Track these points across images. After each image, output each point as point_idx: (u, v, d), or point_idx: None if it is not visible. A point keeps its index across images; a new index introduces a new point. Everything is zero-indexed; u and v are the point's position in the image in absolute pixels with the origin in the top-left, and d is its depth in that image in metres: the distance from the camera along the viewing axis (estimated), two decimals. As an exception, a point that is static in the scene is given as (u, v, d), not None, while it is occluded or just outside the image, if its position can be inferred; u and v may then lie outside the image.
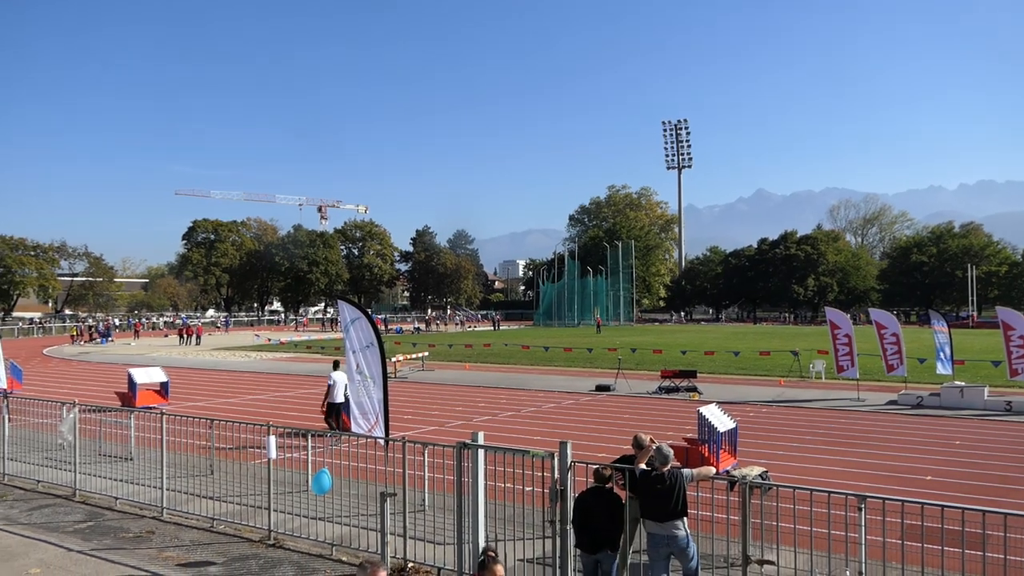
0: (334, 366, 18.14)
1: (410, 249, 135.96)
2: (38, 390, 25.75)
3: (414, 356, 35.76)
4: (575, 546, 7.46)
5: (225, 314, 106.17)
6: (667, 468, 7.24)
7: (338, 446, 14.82)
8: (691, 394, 24.63)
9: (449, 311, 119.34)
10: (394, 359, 32.09)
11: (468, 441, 8.27)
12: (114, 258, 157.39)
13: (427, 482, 10.85)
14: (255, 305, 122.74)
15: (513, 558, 8.73)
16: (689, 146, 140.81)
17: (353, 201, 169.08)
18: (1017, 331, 21.25)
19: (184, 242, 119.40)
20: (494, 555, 6.13)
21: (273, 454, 10.32)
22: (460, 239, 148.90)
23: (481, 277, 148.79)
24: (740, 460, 13.86)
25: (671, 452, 7.44)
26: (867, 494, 6.80)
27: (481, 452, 8.17)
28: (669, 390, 25.43)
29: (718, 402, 16.17)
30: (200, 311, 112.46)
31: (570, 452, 7.60)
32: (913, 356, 28.71)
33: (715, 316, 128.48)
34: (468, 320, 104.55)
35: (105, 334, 63.58)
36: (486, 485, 8.26)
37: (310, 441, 12.60)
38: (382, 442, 11.01)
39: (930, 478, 13.65)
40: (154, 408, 18.78)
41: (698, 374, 27.26)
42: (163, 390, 22.95)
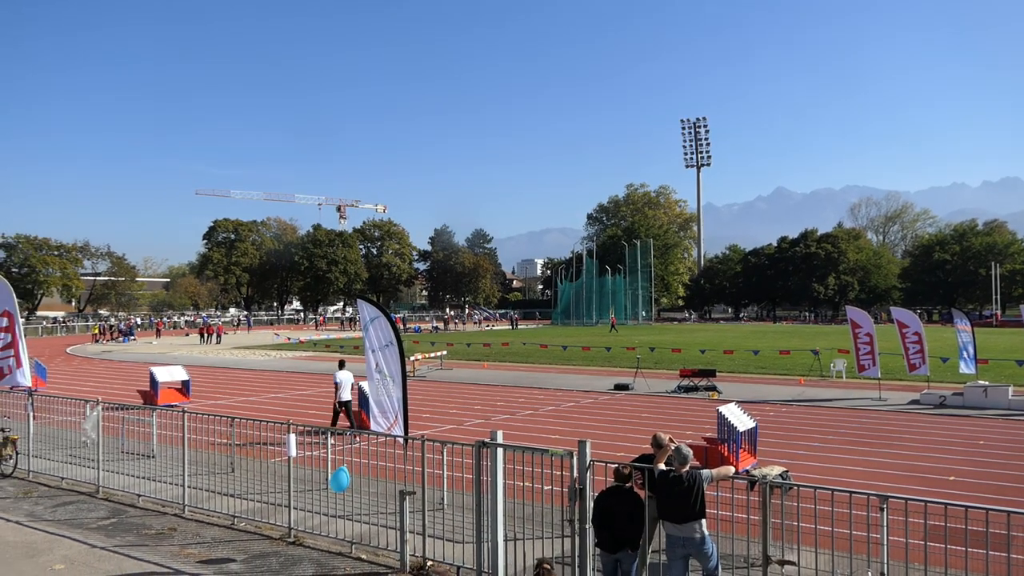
0: (339, 365, 18.37)
1: (428, 248, 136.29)
2: (62, 388, 26.05)
3: (432, 355, 35.83)
4: (595, 545, 7.45)
5: (246, 313, 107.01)
6: (686, 469, 7.20)
7: (355, 444, 14.88)
8: (710, 393, 24.51)
9: (467, 310, 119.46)
10: (413, 358, 32.17)
11: (487, 440, 8.27)
12: (136, 258, 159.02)
13: (446, 480, 10.87)
14: (274, 304, 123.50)
15: (532, 557, 8.73)
16: (708, 144, 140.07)
17: (372, 201, 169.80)
18: (1042, 330, 20.95)
19: (205, 242, 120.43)
20: (549, 567, 6.13)
21: (293, 452, 10.38)
22: (478, 238, 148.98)
23: (499, 276, 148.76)
24: (760, 460, 13.79)
25: (690, 452, 7.40)
26: (889, 494, 6.74)
27: (500, 451, 8.17)
28: (688, 389, 25.32)
29: (737, 401, 16.10)
30: (221, 310, 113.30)
31: (589, 451, 7.59)
32: (936, 355, 28.43)
33: (734, 315, 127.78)
34: (486, 319, 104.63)
35: (128, 333, 64.26)
36: (505, 484, 8.26)
37: (330, 439, 12.68)
38: (401, 440, 11.04)
39: (953, 478, 13.51)
40: (176, 406, 18.95)
41: (717, 373, 27.10)
42: (184, 388, 23.17)
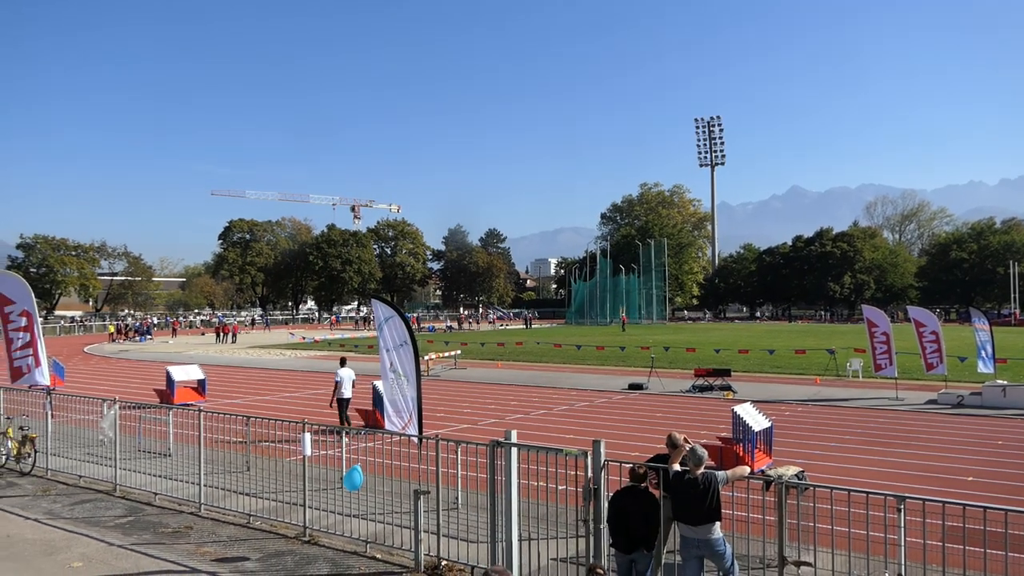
0: (341, 363, 18.63)
1: (442, 248, 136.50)
2: (80, 387, 26.27)
3: (447, 354, 35.89)
4: (610, 545, 7.43)
5: (261, 312, 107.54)
6: (701, 470, 7.16)
7: (350, 442, 14.92)
8: (725, 393, 24.40)
9: (481, 309, 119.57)
10: (427, 357, 32.22)
11: (501, 439, 8.27)
12: (152, 258, 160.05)
13: (460, 480, 10.87)
14: (289, 304, 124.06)
15: (546, 557, 8.73)
16: (722, 143, 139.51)
17: (386, 201, 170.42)
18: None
19: (220, 242, 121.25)
20: (603, 572, 6.13)
21: (308, 451, 10.42)
22: (491, 238, 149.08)
23: (513, 276, 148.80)
24: (775, 460, 13.72)
25: (705, 453, 7.36)
26: (906, 495, 6.67)
27: (514, 450, 8.16)
28: (703, 389, 25.22)
29: (753, 401, 16.02)
30: (236, 310, 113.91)
31: (603, 451, 7.57)
32: (953, 354, 28.19)
33: (749, 314, 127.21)
34: (500, 318, 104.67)
35: (145, 332, 64.76)
36: (519, 483, 8.25)
37: (344, 438, 12.72)
38: (416, 440, 11.05)
39: (971, 479, 13.39)
40: (192, 405, 19.10)
41: (732, 373, 26.98)
42: (200, 387, 23.30)
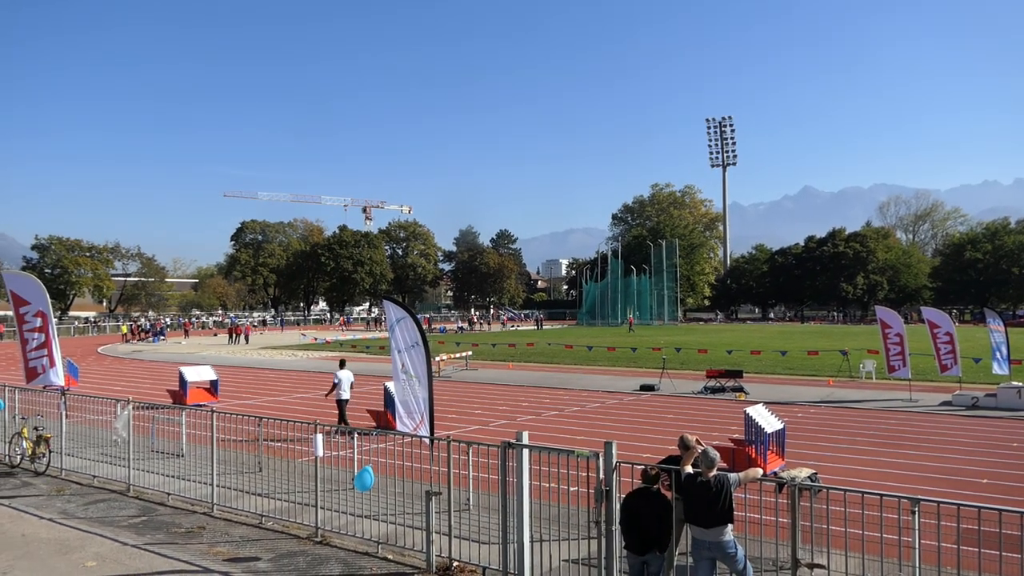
0: (340, 364, 18.73)
1: (453, 249, 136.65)
2: (93, 387, 26.45)
3: (458, 355, 35.92)
4: (624, 547, 7.41)
5: (274, 313, 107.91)
6: (713, 473, 7.14)
7: (367, 443, 14.94)
8: (737, 394, 24.32)
9: (492, 310, 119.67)
10: (438, 358, 32.26)
11: (512, 441, 8.26)
12: (166, 258, 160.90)
13: (471, 481, 10.88)
14: (301, 305, 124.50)
15: (558, 558, 8.72)
16: (734, 143, 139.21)
17: (397, 202, 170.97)
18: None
19: (233, 243, 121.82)
20: None
21: (320, 452, 10.44)
22: (503, 239, 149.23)
23: (524, 277, 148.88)
24: (788, 462, 13.66)
25: (717, 456, 7.33)
26: (921, 497, 6.63)
27: (526, 452, 8.16)
28: (715, 390, 25.14)
29: (765, 402, 15.96)
30: (248, 311, 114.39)
31: (615, 452, 7.55)
32: (968, 356, 27.99)
33: (761, 315, 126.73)
34: (511, 319, 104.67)
35: (159, 333, 65.13)
36: (531, 485, 8.25)
37: (356, 439, 12.74)
38: (427, 441, 11.06)
39: (986, 481, 13.28)
40: (204, 406, 19.18)
41: (744, 374, 26.89)
42: (213, 388, 23.42)
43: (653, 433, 17.89)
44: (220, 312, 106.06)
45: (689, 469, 7.34)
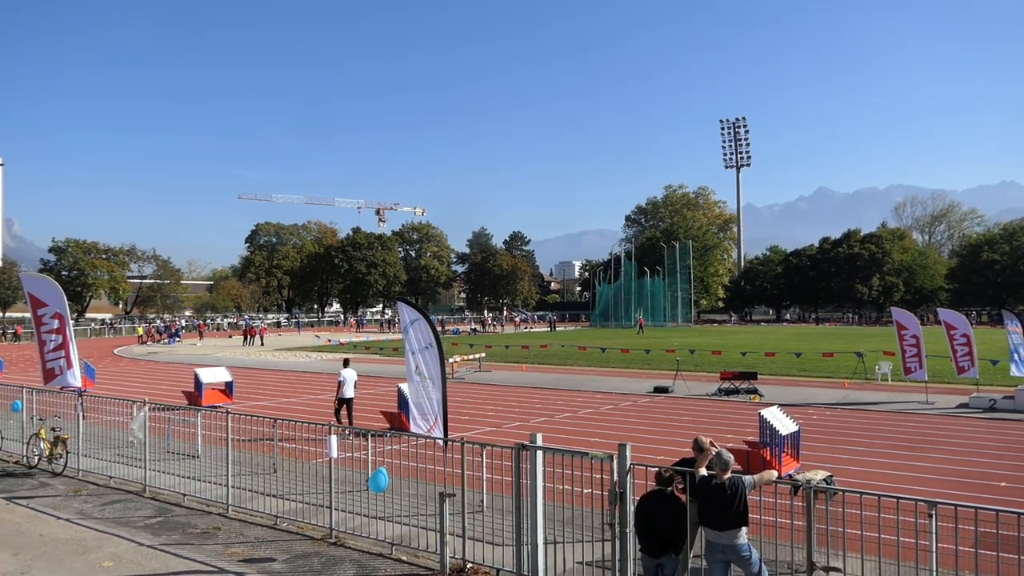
0: (344, 364, 19.04)
1: (466, 251, 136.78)
2: (110, 389, 26.63)
3: (471, 357, 35.94)
4: (638, 550, 7.40)
5: (288, 315, 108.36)
6: (727, 475, 7.11)
7: (381, 445, 14.98)
8: (751, 396, 24.21)
9: (505, 312, 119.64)
10: (451, 360, 32.29)
11: (526, 442, 8.26)
12: (181, 261, 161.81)
13: (485, 483, 10.89)
14: (315, 307, 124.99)
15: (572, 560, 8.71)
16: (747, 144, 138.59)
17: (410, 204, 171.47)
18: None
19: (247, 245, 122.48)
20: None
21: (335, 453, 10.48)
22: (516, 240, 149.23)
23: (537, 278, 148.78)
24: (803, 464, 13.59)
25: (732, 458, 7.31)
26: (938, 500, 6.58)
27: (539, 453, 8.16)
28: (729, 392, 25.04)
29: (780, 404, 15.88)
30: (263, 312, 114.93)
31: (629, 454, 7.54)
32: (985, 358, 27.76)
33: (776, 317, 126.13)
34: (524, 321, 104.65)
35: (174, 334, 65.50)
36: (544, 486, 8.24)
37: (370, 441, 12.77)
38: (441, 443, 11.08)
39: (1004, 484, 13.15)
40: (219, 407, 19.26)
41: (759, 376, 26.76)
42: (228, 389, 23.54)
43: (667, 435, 17.84)
44: (235, 314, 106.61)
45: (703, 471, 7.32)
